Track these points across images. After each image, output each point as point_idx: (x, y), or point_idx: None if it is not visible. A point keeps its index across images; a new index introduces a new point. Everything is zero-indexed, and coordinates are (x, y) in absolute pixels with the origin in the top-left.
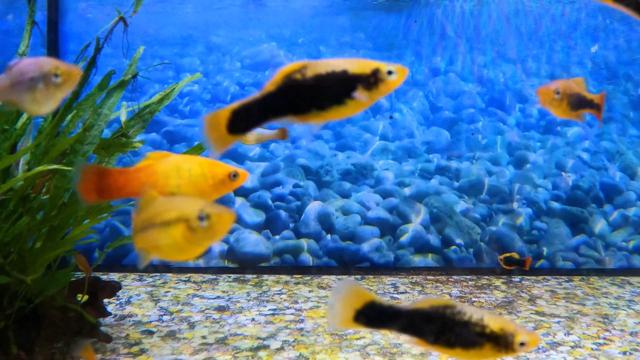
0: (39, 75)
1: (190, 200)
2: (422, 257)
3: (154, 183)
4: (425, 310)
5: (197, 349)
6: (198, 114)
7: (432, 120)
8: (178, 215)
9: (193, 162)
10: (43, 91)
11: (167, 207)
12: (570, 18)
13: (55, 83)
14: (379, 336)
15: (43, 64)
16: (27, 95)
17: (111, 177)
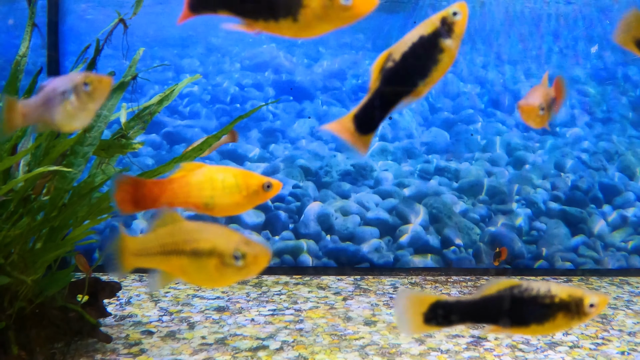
0: (70, 88)
1: (224, 232)
2: (421, 258)
3: (188, 194)
4: (494, 296)
5: (197, 349)
6: (198, 115)
7: (431, 121)
8: (211, 248)
9: (227, 173)
10: (75, 103)
11: (198, 236)
12: (569, 18)
13: (86, 92)
14: (377, 336)
15: (73, 77)
16: (59, 110)
17: (146, 188)
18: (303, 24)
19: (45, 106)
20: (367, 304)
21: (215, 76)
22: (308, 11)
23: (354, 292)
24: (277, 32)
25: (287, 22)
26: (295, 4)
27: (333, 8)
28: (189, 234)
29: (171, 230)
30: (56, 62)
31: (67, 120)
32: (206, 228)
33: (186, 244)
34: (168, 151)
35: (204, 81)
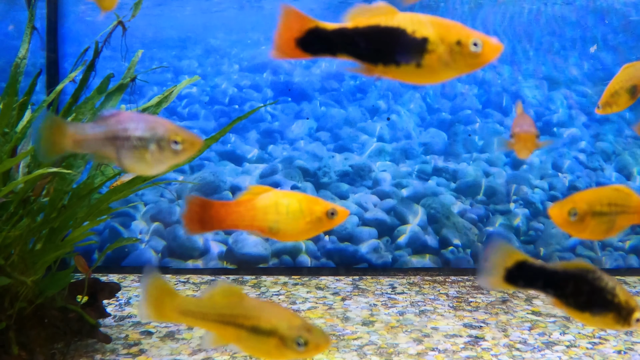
0: (153, 137)
1: (285, 315)
2: (419, 258)
3: (253, 218)
4: (571, 271)
5: (196, 350)
6: (196, 116)
7: (429, 122)
8: (272, 329)
9: (292, 199)
10: (155, 155)
11: (259, 314)
12: (567, 18)
13: (173, 150)
14: (375, 336)
15: (158, 126)
16: (131, 154)
17: (213, 209)
18: (427, 70)
19: (109, 142)
20: (365, 304)
21: (214, 77)
22: (433, 57)
23: (352, 292)
24: (398, 77)
25: (409, 68)
26: (420, 49)
27: (461, 55)
28: (249, 310)
29: (230, 303)
30: (55, 64)
31: (139, 167)
32: (267, 307)
33: (246, 320)
34: None
35: (202, 82)
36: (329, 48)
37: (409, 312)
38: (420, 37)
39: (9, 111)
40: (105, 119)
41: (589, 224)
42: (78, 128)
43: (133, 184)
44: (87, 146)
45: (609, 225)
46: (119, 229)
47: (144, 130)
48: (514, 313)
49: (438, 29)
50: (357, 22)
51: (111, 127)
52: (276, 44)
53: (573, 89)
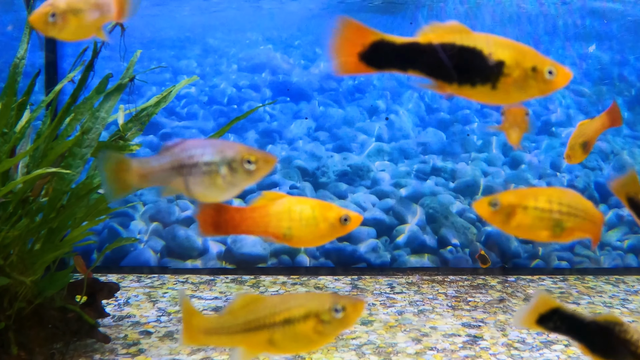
0: (223, 160)
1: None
2: (418, 258)
3: (267, 224)
4: (600, 323)
5: (195, 349)
6: (195, 116)
7: (427, 122)
8: (306, 312)
9: (305, 205)
10: (228, 178)
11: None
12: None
13: (247, 170)
14: (374, 336)
15: (223, 148)
16: (202, 181)
17: (228, 214)
18: (501, 92)
19: (175, 172)
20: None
21: (213, 77)
22: (509, 80)
23: (351, 292)
24: (470, 96)
25: (484, 89)
26: (496, 72)
27: (535, 80)
28: (274, 306)
29: (252, 308)
30: (54, 64)
31: (210, 193)
32: (289, 298)
33: (275, 316)
34: None
35: (201, 82)
36: (397, 63)
37: (408, 311)
38: (496, 60)
39: (8, 111)
40: (169, 148)
41: (522, 219)
42: (142, 162)
43: None
44: (153, 179)
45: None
46: (117, 229)
47: (212, 155)
48: (512, 312)
49: (514, 53)
50: (430, 38)
51: (176, 156)
52: (338, 59)
53: (571, 89)
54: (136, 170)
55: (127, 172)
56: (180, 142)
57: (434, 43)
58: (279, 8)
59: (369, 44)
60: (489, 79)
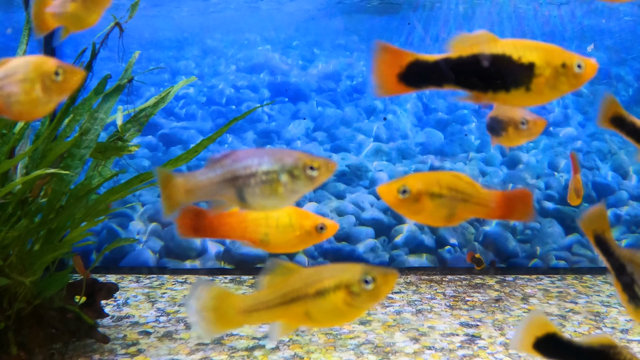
0: (281, 168)
1: (343, 266)
2: (416, 257)
3: (244, 229)
4: (595, 348)
5: (194, 349)
6: (193, 117)
7: (425, 122)
8: (337, 283)
9: (282, 212)
10: (289, 185)
11: (319, 276)
12: (561, 18)
13: (310, 176)
14: (372, 335)
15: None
16: (259, 190)
17: (207, 219)
18: (535, 93)
19: (227, 184)
20: None
21: (211, 78)
22: (541, 80)
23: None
24: (506, 101)
25: (519, 92)
26: (529, 74)
27: (567, 76)
28: (308, 277)
29: (287, 280)
30: None
31: (269, 202)
32: (323, 268)
33: (308, 288)
34: (164, 153)
35: (199, 83)
36: (433, 80)
37: (406, 311)
38: (527, 63)
39: None
40: (217, 161)
41: (425, 205)
42: (187, 177)
43: (130, 184)
44: (201, 193)
45: (449, 212)
46: (116, 229)
47: (271, 163)
48: (510, 312)
49: (542, 53)
50: (460, 51)
51: (228, 168)
52: (378, 82)
53: None
54: (181, 186)
55: (173, 188)
56: (228, 153)
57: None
58: (277, 9)
59: (405, 64)
60: (522, 82)
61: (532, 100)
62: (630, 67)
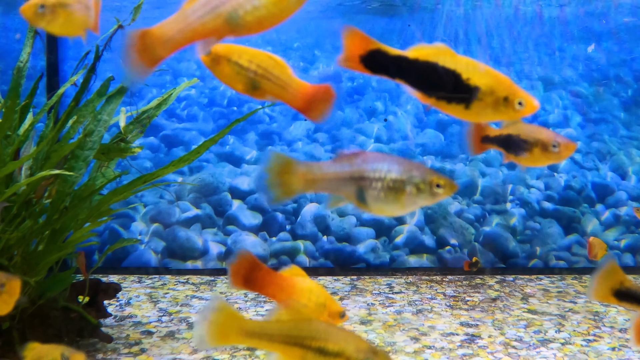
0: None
1: (352, 338)
2: (417, 258)
3: (289, 295)
4: None
5: (196, 349)
6: (195, 118)
7: (426, 123)
8: (339, 351)
9: (321, 293)
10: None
11: (327, 336)
12: (561, 19)
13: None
14: (373, 335)
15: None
16: (382, 195)
17: (260, 273)
18: (472, 112)
19: (351, 182)
20: (363, 303)
21: (212, 79)
22: (481, 104)
23: (350, 292)
24: (446, 111)
25: (458, 108)
26: (471, 96)
27: (505, 108)
28: (316, 332)
29: (297, 325)
30: (55, 66)
31: (388, 208)
32: (334, 330)
33: (313, 341)
34: (166, 154)
35: (201, 84)
36: (389, 70)
37: (407, 311)
38: (473, 85)
39: (12, 114)
40: (346, 157)
41: (224, 69)
42: (310, 167)
43: (133, 185)
44: (322, 186)
45: (250, 83)
46: (118, 230)
47: (400, 172)
48: (510, 312)
49: (490, 81)
50: (418, 54)
51: (357, 167)
52: (344, 56)
53: (568, 90)
54: (303, 175)
55: (293, 175)
56: (359, 152)
57: (419, 59)
58: None
59: (368, 50)
60: (463, 100)
61: (467, 117)
62: (630, 68)
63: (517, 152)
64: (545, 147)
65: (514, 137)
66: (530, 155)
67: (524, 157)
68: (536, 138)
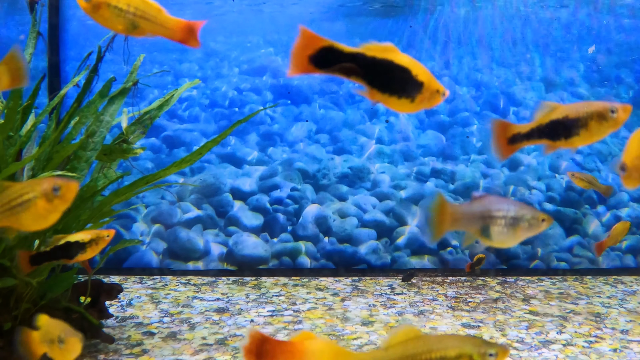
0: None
1: (463, 339)
2: (418, 259)
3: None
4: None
5: (198, 350)
6: (197, 119)
7: (427, 124)
8: (460, 353)
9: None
10: (524, 230)
11: (442, 345)
12: (562, 21)
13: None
14: (375, 336)
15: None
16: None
17: (270, 346)
18: (415, 105)
19: (481, 219)
20: (364, 304)
21: (214, 80)
22: (423, 97)
23: (351, 293)
24: (392, 106)
25: (405, 101)
26: (417, 90)
27: (434, 98)
28: (431, 344)
29: (407, 344)
30: (56, 67)
31: (507, 239)
32: (443, 337)
33: (431, 353)
34: (167, 155)
35: (202, 85)
36: (342, 67)
37: (408, 312)
38: (419, 80)
39: (14, 115)
40: (478, 199)
41: (104, 14)
42: (456, 208)
43: (135, 186)
44: (462, 224)
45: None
46: (120, 230)
47: (516, 212)
48: (512, 313)
49: (429, 77)
50: (371, 52)
51: (486, 207)
52: (291, 61)
53: (570, 91)
54: (451, 214)
55: (447, 215)
56: (485, 196)
57: (376, 57)
58: (280, 11)
59: (318, 48)
60: (411, 94)
61: (410, 109)
62: (631, 70)
63: (568, 135)
64: (601, 117)
65: (562, 120)
66: (585, 132)
67: (577, 138)
68: (588, 112)
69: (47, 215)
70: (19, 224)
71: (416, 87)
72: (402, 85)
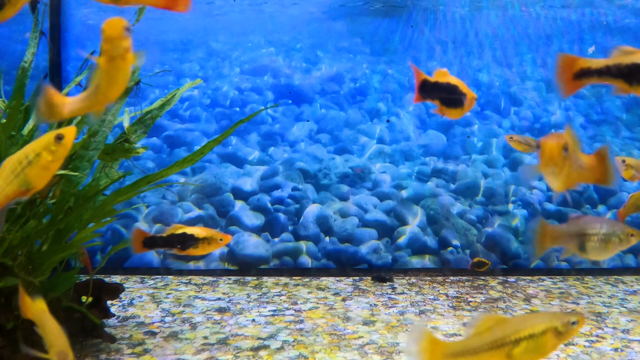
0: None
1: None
2: (419, 259)
3: None
4: None
5: (199, 349)
6: (198, 119)
7: (428, 124)
8: (546, 327)
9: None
10: (616, 245)
11: (526, 324)
12: (564, 21)
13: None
14: (376, 336)
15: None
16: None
17: None
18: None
19: (577, 237)
20: (365, 304)
21: (215, 80)
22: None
23: (352, 292)
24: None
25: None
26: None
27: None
28: (517, 325)
29: (495, 329)
30: (58, 67)
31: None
32: (527, 317)
33: (519, 332)
34: (169, 154)
35: (203, 85)
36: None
37: (409, 311)
38: (470, 96)
39: (16, 114)
40: (575, 220)
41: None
42: (555, 228)
43: (137, 185)
44: (560, 241)
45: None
46: (121, 230)
47: (609, 228)
48: (513, 312)
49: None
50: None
51: (581, 226)
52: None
53: None
54: (551, 234)
55: (547, 235)
56: (581, 216)
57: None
58: (281, 11)
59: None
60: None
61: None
62: None
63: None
64: None
65: None
66: None
67: None
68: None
69: (50, 166)
70: (27, 183)
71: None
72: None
